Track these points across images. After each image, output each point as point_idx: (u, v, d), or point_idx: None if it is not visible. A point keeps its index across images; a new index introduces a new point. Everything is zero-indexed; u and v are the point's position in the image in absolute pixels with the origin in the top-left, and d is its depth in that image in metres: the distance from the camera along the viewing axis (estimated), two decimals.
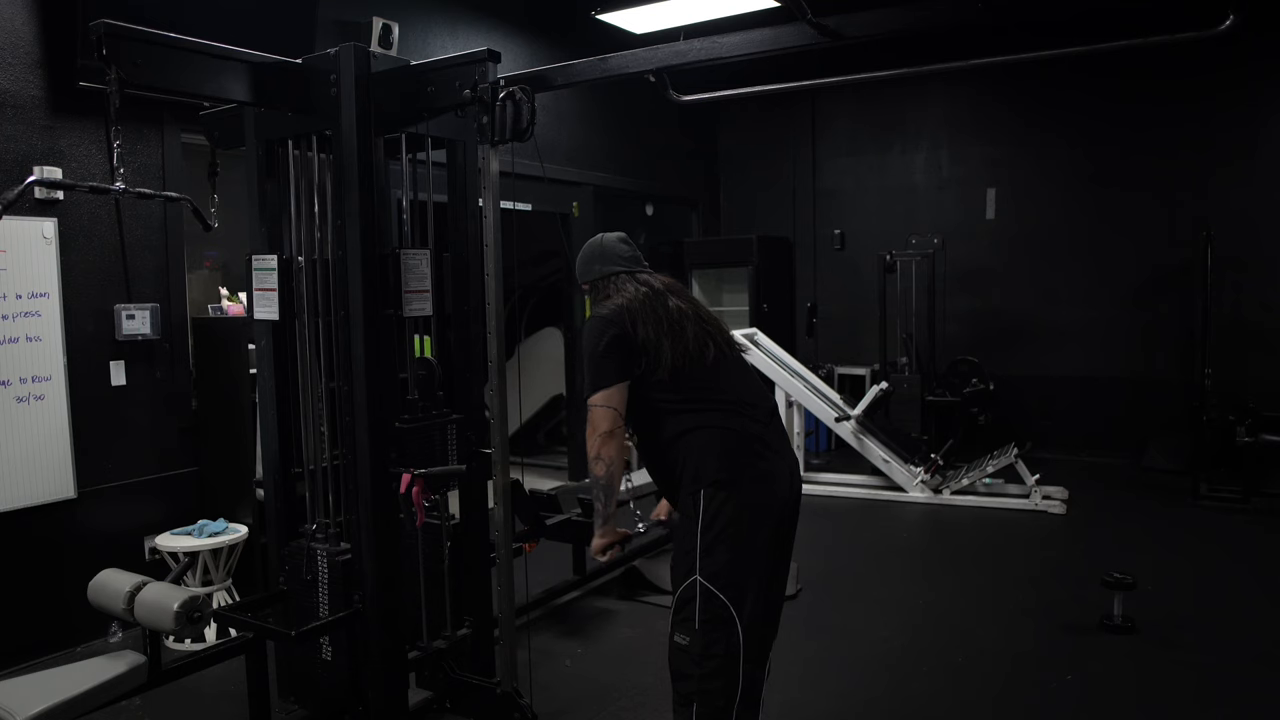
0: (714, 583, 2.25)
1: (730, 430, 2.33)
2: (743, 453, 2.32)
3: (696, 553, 2.27)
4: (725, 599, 2.25)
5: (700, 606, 2.26)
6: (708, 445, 2.31)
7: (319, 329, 2.97)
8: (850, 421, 6.36)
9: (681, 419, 2.35)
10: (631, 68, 3.93)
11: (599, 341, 2.35)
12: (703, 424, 2.33)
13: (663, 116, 7.51)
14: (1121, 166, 7.25)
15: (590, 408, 2.33)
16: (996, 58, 4.40)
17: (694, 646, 2.26)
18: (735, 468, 2.29)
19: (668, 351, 2.34)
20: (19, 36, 3.74)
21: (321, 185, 2.96)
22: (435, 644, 3.09)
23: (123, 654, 2.53)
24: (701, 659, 2.26)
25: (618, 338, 2.35)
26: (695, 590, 2.27)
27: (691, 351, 2.36)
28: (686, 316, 2.42)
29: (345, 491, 2.94)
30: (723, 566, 2.25)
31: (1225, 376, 6.19)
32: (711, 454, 2.30)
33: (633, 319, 2.36)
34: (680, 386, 2.35)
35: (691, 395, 2.36)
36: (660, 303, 2.42)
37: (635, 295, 2.43)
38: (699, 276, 8.35)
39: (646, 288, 2.47)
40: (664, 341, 2.34)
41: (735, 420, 2.35)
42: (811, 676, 3.48)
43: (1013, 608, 4.17)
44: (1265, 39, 6.42)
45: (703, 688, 2.26)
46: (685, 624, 2.28)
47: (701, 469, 2.30)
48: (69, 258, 3.88)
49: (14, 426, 3.70)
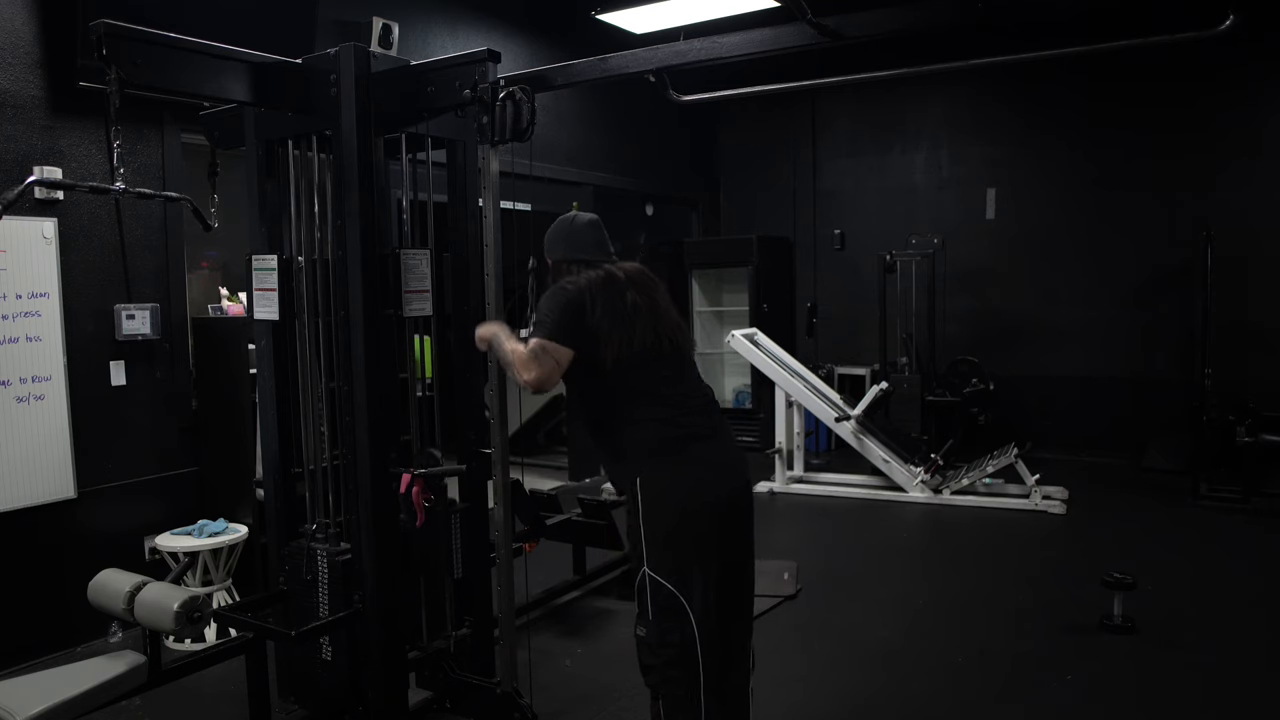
0: (659, 572, 2.31)
1: (667, 421, 2.38)
2: (678, 441, 2.37)
3: (643, 544, 2.33)
4: (672, 588, 2.29)
5: (651, 597, 2.32)
6: (645, 437, 2.37)
7: (319, 329, 2.97)
8: (850, 421, 6.36)
9: (621, 408, 2.40)
10: (631, 68, 3.93)
11: (557, 303, 2.39)
12: (641, 416, 2.38)
13: (663, 116, 7.50)
14: (1122, 166, 7.25)
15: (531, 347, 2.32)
16: (996, 58, 4.40)
17: (650, 637, 2.33)
18: (671, 457, 2.35)
19: (615, 342, 2.37)
20: (19, 36, 3.74)
21: (321, 185, 2.96)
22: (435, 644, 3.09)
23: (123, 654, 2.53)
24: (658, 648, 2.31)
25: (576, 308, 2.37)
26: (645, 581, 2.32)
27: (636, 347, 2.39)
28: (639, 310, 2.43)
29: (345, 491, 2.94)
30: (666, 556, 2.31)
31: (1225, 376, 6.19)
32: (648, 445, 2.36)
33: (592, 299, 2.39)
34: (622, 376, 2.38)
35: (633, 386, 2.39)
36: (618, 294, 2.43)
37: (594, 280, 2.44)
38: (699, 276, 8.35)
39: (607, 276, 2.48)
40: (614, 332, 2.37)
41: (673, 411, 2.40)
42: (811, 676, 3.48)
43: (1013, 608, 4.17)
44: (1265, 39, 6.42)
45: (663, 677, 2.32)
46: (642, 616, 2.35)
47: (639, 459, 2.36)
48: (69, 258, 3.88)
49: (14, 426, 3.70)
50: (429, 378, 3.20)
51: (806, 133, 8.56)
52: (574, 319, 2.36)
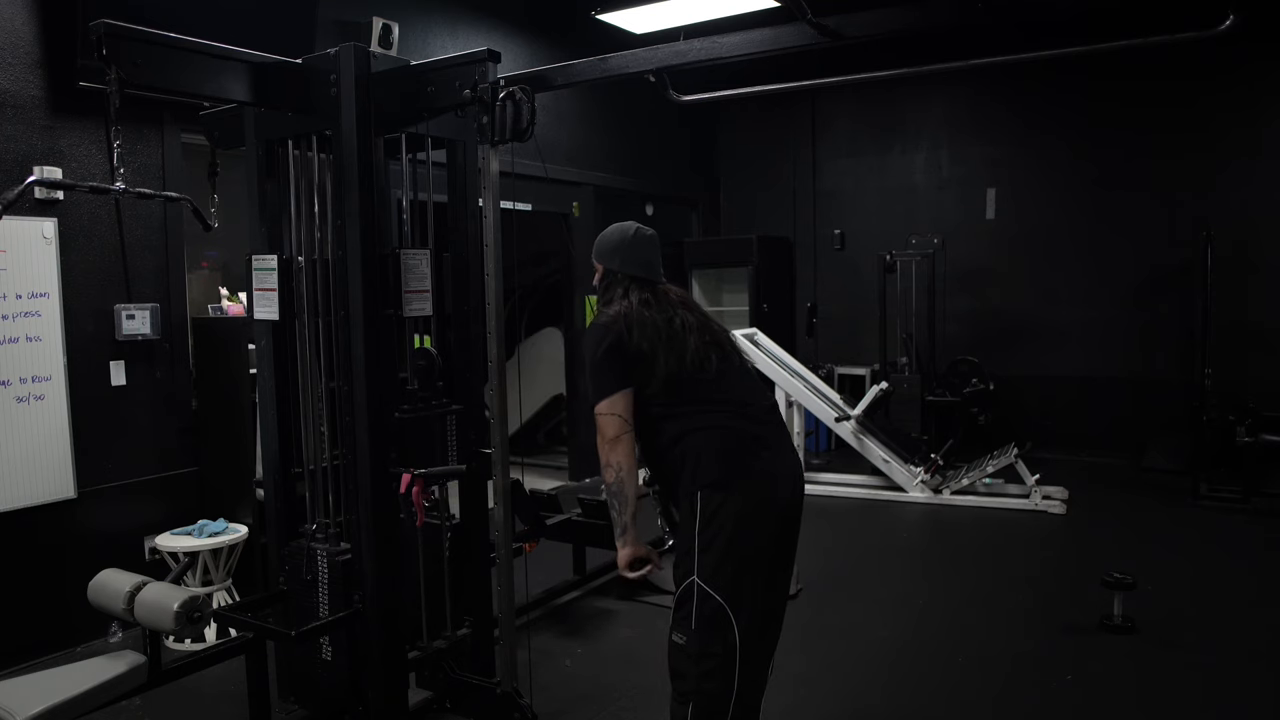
0: (711, 584, 2.26)
1: (728, 430, 2.34)
2: (740, 453, 2.32)
3: (694, 554, 2.28)
4: (721, 600, 2.25)
5: (697, 607, 2.27)
6: (704, 446, 2.32)
7: (319, 329, 2.97)
8: (850, 421, 6.36)
9: (678, 423, 2.35)
10: (631, 68, 3.94)
11: (597, 349, 2.37)
12: (699, 425, 2.34)
13: (663, 116, 7.50)
14: (1122, 166, 7.25)
15: (597, 416, 2.34)
16: (996, 58, 4.41)
17: (691, 646, 2.27)
18: (732, 468, 2.30)
19: (662, 361, 2.34)
20: (19, 36, 3.74)
21: (321, 185, 2.96)
22: (435, 644, 3.09)
23: (123, 654, 2.53)
24: (698, 658, 2.27)
25: (615, 345, 2.35)
26: (693, 591, 2.27)
27: (689, 362, 2.37)
28: (690, 328, 2.42)
29: (345, 491, 2.94)
30: (720, 568, 2.26)
31: (1225, 376, 6.19)
32: (708, 455, 2.31)
33: (629, 326, 2.37)
34: (677, 393, 2.36)
35: (688, 400, 2.36)
36: (662, 314, 2.41)
37: (635, 304, 2.42)
38: (699, 276, 8.35)
39: (652, 297, 2.46)
40: (659, 351, 2.35)
41: (732, 420, 2.36)
42: (812, 676, 3.48)
43: (1013, 608, 4.17)
44: (1265, 39, 6.42)
45: (699, 687, 2.27)
46: (683, 623, 2.29)
47: (699, 470, 2.30)
48: (69, 258, 3.88)
49: (14, 426, 3.70)
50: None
51: (806, 133, 8.56)
52: (616, 354, 2.34)
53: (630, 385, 2.34)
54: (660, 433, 2.37)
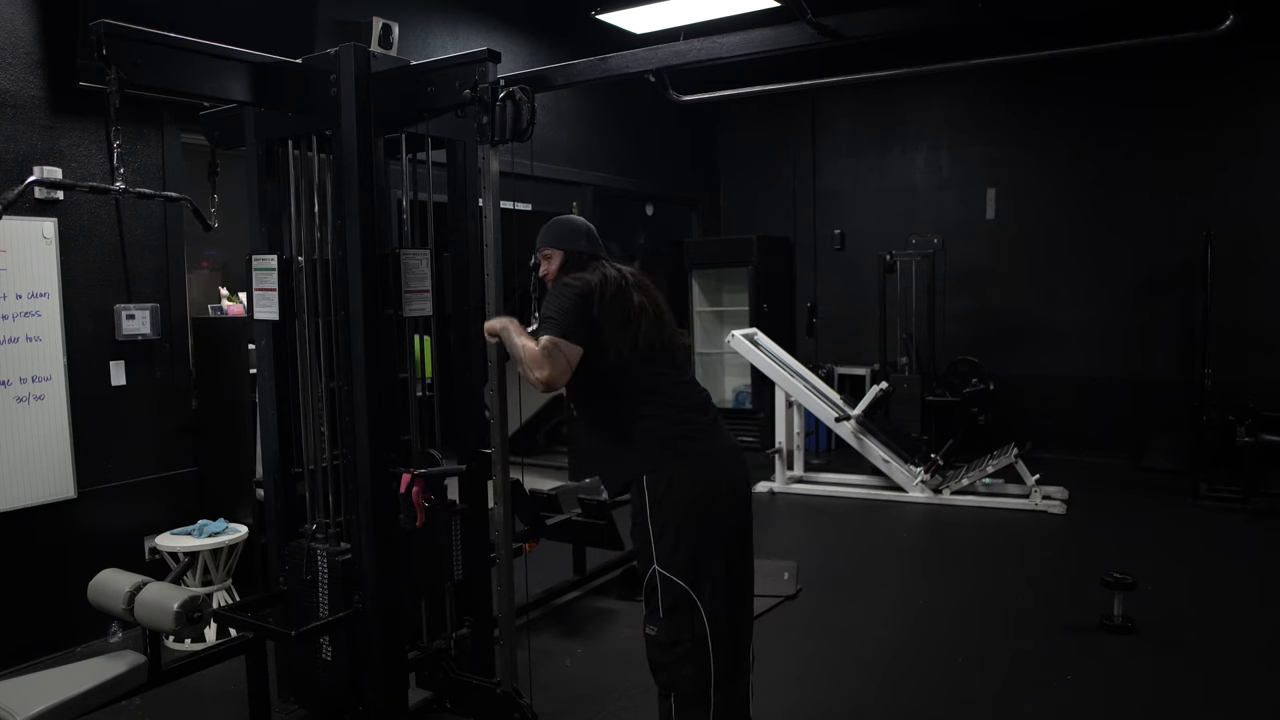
0: (670, 569, 2.32)
1: (670, 419, 2.40)
2: (679, 438, 2.39)
3: (651, 542, 2.35)
4: (684, 585, 2.31)
5: (661, 595, 2.33)
6: (649, 432, 2.39)
7: (319, 329, 2.97)
8: (850, 421, 6.36)
9: (625, 406, 2.42)
10: (631, 68, 3.93)
11: (568, 300, 2.40)
12: (644, 413, 2.40)
13: (663, 116, 7.50)
14: (1122, 166, 7.25)
15: (543, 345, 2.33)
16: (996, 58, 4.40)
17: (661, 635, 2.33)
18: (675, 453, 2.36)
19: (621, 340, 2.39)
20: (19, 36, 3.74)
21: (321, 185, 2.96)
22: (435, 644, 3.09)
23: (123, 654, 2.53)
24: (670, 646, 2.32)
25: (585, 306, 2.39)
26: (656, 579, 2.33)
27: (641, 346, 2.42)
28: (645, 310, 2.47)
29: (345, 491, 2.94)
30: (676, 550, 2.32)
31: (1225, 376, 6.18)
32: (652, 441, 2.38)
33: (600, 297, 2.41)
34: (626, 374, 2.41)
35: (637, 384, 2.42)
36: (626, 294, 2.47)
37: (606, 278, 2.47)
38: (699, 276, 8.35)
39: (619, 276, 2.52)
40: (621, 330, 2.40)
41: (675, 409, 2.42)
42: (811, 676, 3.48)
43: (1013, 608, 4.17)
44: (1265, 39, 6.41)
45: (675, 675, 2.32)
46: (653, 615, 2.36)
47: (645, 455, 2.37)
48: (69, 258, 3.88)
49: (14, 426, 3.70)
50: (429, 378, 3.20)
51: (806, 133, 8.56)
52: (583, 316, 2.38)
53: (582, 345, 2.35)
54: (604, 410, 2.46)
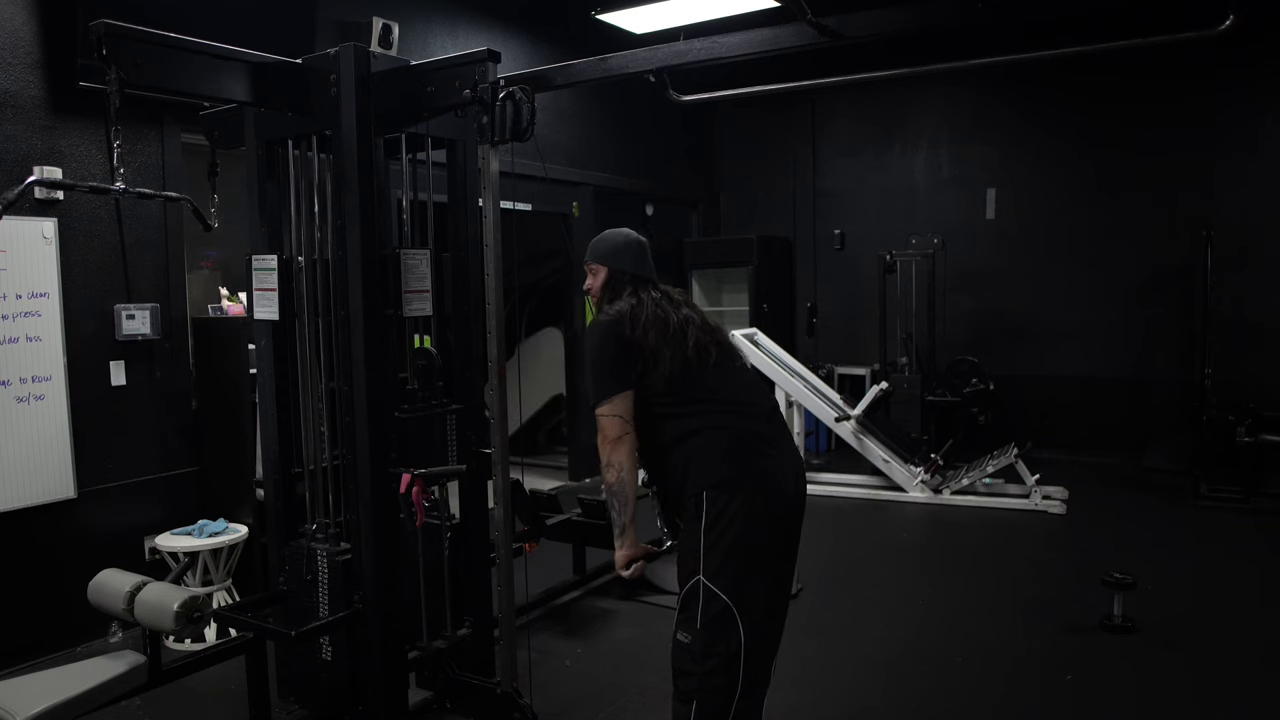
0: (716, 583, 2.26)
1: (731, 430, 2.34)
2: (744, 452, 2.33)
3: (700, 553, 2.28)
4: (727, 599, 2.25)
5: (703, 606, 2.27)
6: (709, 446, 2.32)
7: (319, 329, 2.97)
8: (850, 421, 6.36)
9: (682, 422, 2.36)
10: (631, 68, 3.93)
11: (598, 348, 2.38)
12: (704, 425, 2.34)
13: (663, 116, 7.50)
14: (1122, 166, 7.25)
15: (599, 417, 2.35)
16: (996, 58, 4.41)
17: (696, 645, 2.28)
18: (737, 468, 2.30)
19: (666, 358, 2.35)
20: (19, 36, 3.74)
21: (321, 185, 2.96)
22: (435, 644, 3.09)
23: (123, 654, 2.54)
24: (703, 657, 2.27)
25: (617, 343, 2.36)
26: (699, 590, 2.28)
27: (690, 357, 2.38)
28: (691, 323, 2.44)
29: (345, 491, 2.94)
30: (725, 567, 2.26)
31: (1225, 376, 6.19)
32: (713, 455, 2.31)
33: (633, 324, 2.38)
34: (679, 391, 2.36)
35: (691, 398, 2.37)
36: (664, 311, 2.43)
37: (641, 302, 2.44)
38: (699, 276, 8.35)
39: (659, 294, 2.49)
40: (664, 348, 2.36)
41: (736, 420, 2.36)
42: (811, 676, 3.48)
43: (1013, 608, 4.17)
44: (1265, 39, 6.42)
45: (703, 685, 2.27)
46: (688, 623, 2.30)
47: (704, 470, 2.30)
48: (69, 258, 3.88)
49: (14, 426, 3.70)
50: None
51: (806, 133, 8.56)
52: (618, 353, 2.35)
53: (631, 386, 2.34)
54: (662, 431, 2.38)
